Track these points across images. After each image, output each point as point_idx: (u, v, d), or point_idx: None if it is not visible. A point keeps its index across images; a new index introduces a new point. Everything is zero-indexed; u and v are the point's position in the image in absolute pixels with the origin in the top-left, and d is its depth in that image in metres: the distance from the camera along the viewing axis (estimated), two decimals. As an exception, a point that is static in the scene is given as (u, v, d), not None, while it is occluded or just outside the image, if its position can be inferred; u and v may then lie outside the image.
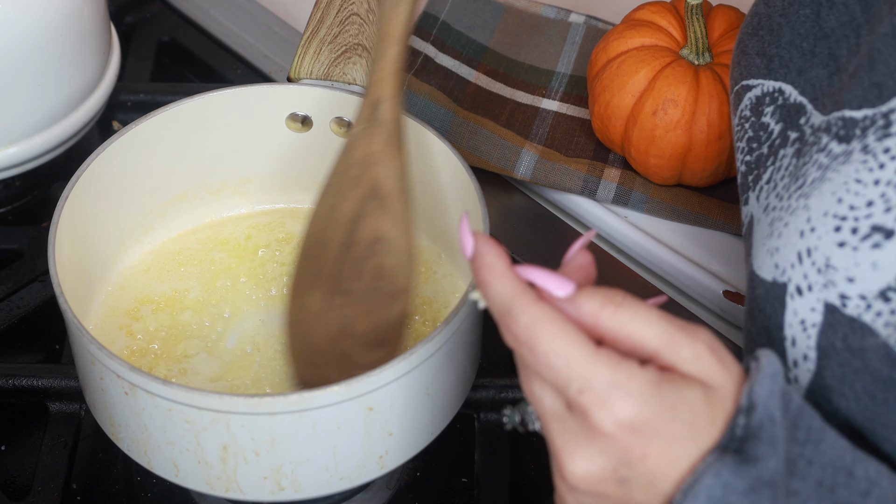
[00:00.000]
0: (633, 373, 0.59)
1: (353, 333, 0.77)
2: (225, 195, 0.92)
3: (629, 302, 0.61)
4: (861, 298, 0.63)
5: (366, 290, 0.76)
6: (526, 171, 1.00)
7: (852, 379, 0.63)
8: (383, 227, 0.76)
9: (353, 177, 0.76)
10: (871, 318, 0.62)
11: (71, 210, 0.81)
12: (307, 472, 0.74)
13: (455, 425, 0.80)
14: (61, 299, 0.75)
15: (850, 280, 0.63)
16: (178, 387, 0.71)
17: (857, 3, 0.71)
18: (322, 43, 0.92)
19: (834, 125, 0.67)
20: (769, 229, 0.69)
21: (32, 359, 0.94)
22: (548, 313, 0.60)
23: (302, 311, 0.78)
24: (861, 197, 0.63)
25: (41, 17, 0.93)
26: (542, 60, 1.08)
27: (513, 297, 0.61)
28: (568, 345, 0.59)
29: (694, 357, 0.60)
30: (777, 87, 0.74)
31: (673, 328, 0.60)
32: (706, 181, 0.98)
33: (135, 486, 0.86)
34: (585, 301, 0.61)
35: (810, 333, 0.65)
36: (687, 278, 0.95)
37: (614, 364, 0.59)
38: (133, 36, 1.15)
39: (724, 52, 0.98)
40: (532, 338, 0.60)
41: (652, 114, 0.95)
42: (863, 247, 0.63)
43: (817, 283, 0.64)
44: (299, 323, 0.78)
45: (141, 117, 0.86)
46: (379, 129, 0.76)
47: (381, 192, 0.76)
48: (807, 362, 0.65)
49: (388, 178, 0.76)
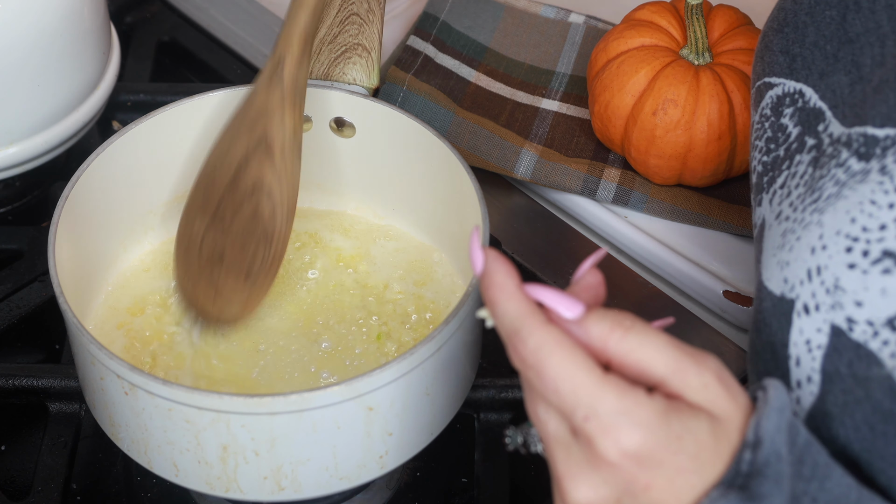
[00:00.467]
0: (640, 401, 0.58)
1: (224, 261, 0.82)
2: (225, 195, 0.92)
3: (638, 327, 0.60)
4: (868, 324, 0.62)
5: (240, 227, 0.81)
6: (526, 171, 1.00)
7: (853, 408, 0.62)
8: (265, 175, 0.80)
9: (248, 123, 0.81)
10: (878, 346, 0.61)
11: (71, 210, 0.81)
12: (307, 472, 0.74)
13: (455, 425, 0.80)
14: (61, 299, 0.75)
15: (859, 304, 0.62)
16: (177, 387, 0.71)
17: (883, 11, 0.70)
18: (322, 43, 0.92)
19: (855, 141, 0.66)
20: (781, 240, 0.68)
21: (32, 359, 0.94)
22: (556, 337, 0.60)
23: (186, 233, 0.83)
24: (875, 219, 0.63)
25: (41, 18, 0.93)
26: (542, 60, 1.08)
27: (521, 318, 0.61)
28: (576, 370, 0.59)
29: (702, 386, 0.59)
30: (798, 88, 0.74)
31: (682, 355, 0.60)
32: (706, 181, 0.98)
33: (135, 486, 0.86)
34: (594, 324, 0.60)
35: (815, 355, 0.64)
36: (687, 278, 0.95)
37: (621, 392, 0.59)
38: (133, 36, 1.15)
39: (724, 52, 0.98)
40: (539, 361, 0.60)
41: (652, 114, 0.95)
42: (873, 271, 0.62)
43: (825, 303, 0.64)
44: (183, 243, 0.83)
45: (141, 117, 0.86)
46: (279, 84, 0.80)
47: (268, 142, 0.80)
48: (810, 384, 0.64)
49: (277, 131, 0.80)
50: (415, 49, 1.07)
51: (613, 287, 0.95)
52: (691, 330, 0.93)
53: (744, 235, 0.97)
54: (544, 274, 0.96)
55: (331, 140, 0.89)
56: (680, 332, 0.93)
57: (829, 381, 0.63)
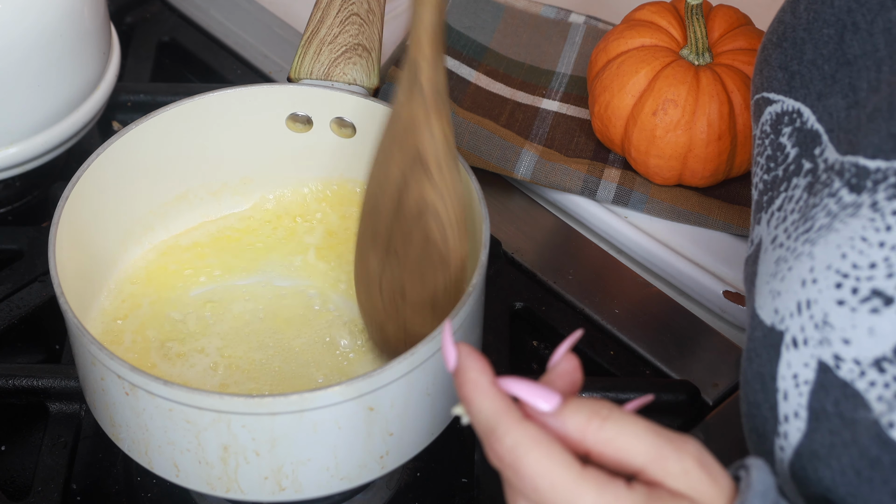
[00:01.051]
0: (619, 496, 0.58)
1: (407, 299, 0.77)
2: (225, 195, 0.92)
3: (616, 415, 0.60)
4: (855, 363, 0.61)
5: (416, 256, 0.76)
6: (526, 171, 1.00)
7: (840, 451, 0.61)
8: (426, 194, 0.74)
9: (399, 142, 0.75)
10: (865, 386, 0.61)
11: (71, 210, 0.81)
12: (308, 473, 0.74)
13: (455, 425, 0.80)
14: (62, 300, 0.75)
15: (846, 342, 0.62)
16: (178, 387, 0.71)
17: (881, 34, 0.69)
18: (322, 43, 0.92)
19: (847, 171, 0.65)
20: (774, 268, 0.68)
21: (32, 359, 0.94)
22: (532, 434, 0.59)
23: (363, 272, 0.79)
24: (865, 257, 0.62)
25: (41, 18, 0.93)
26: (542, 61, 1.08)
27: (497, 416, 0.60)
28: (553, 466, 0.58)
29: (682, 472, 0.59)
30: (797, 107, 0.73)
31: (661, 442, 0.59)
32: (706, 181, 0.98)
33: (135, 487, 0.86)
34: (571, 415, 0.60)
35: (802, 391, 0.63)
36: (687, 278, 0.95)
37: (601, 486, 0.58)
38: (133, 36, 1.15)
39: (724, 52, 0.98)
40: (517, 459, 0.59)
41: (652, 114, 0.95)
42: (861, 309, 0.61)
43: (813, 338, 0.63)
44: (363, 285, 0.79)
45: (141, 117, 0.86)
46: (420, 94, 0.73)
47: (423, 158, 0.74)
48: (797, 420, 0.64)
49: (428, 144, 0.73)
50: (415, 49, 1.07)
51: (614, 287, 0.96)
52: (691, 330, 0.93)
53: (744, 236, 0.97)
54: (544, 274, 0.96)
55: (331, 140, 0.89)
56: (680, 332, 0.93)
57: (816, 419, 0.62)
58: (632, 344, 0.92)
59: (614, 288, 0.96)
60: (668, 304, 0.95)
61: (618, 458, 0.59)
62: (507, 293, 0.94)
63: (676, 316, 0.94)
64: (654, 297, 0.95)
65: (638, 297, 0.95)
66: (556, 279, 0.96)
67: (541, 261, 0.97)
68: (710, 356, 0.91)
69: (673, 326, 0.93)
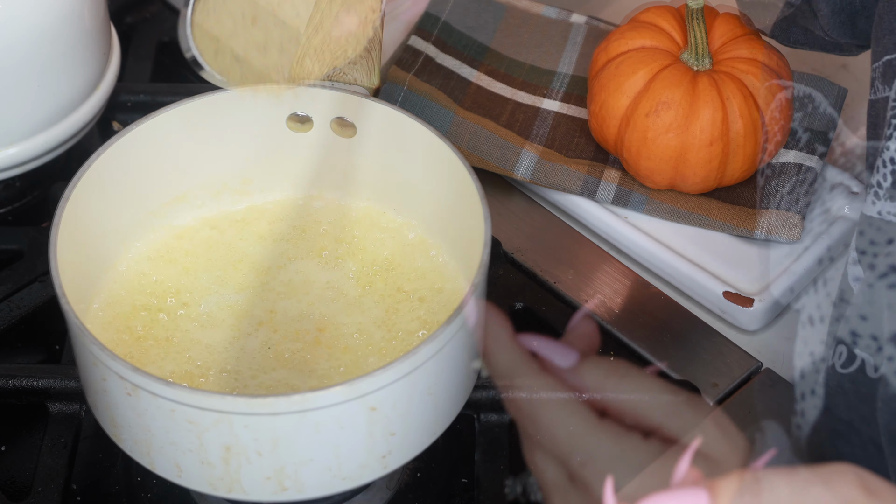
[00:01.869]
0: (636, 447, 0.59)
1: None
2: (225, 195, 0.92)
3: (633, 374, 0.61)
4: (872, 339, 0.62)
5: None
6: (526, 171, 1.00)
7: (859, 426, 0.62)
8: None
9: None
10: (882, 362, 0.61)
11: (71, 210, 0.81)
12: (310, 473, 0.74)
13: (455, 426, 0.80)
14: (63, 300, 0.75)
15: (863, 318, 0.62)
16: (180, 387, 0.71)
17: None
18: (322, 43, 0.92)
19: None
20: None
21: (32, 359, 0.94)
22: (550, 385, 0.60)
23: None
24: (883, 233, 0.63)
25: (41, 18, 0.93)
26: (544, 61, 1.08)
27: (516, 367, 0.61)
28: (570, 416, 0.59)
29: (697, 430, 0.59)
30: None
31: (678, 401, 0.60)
32: (697, 188, 0.97)
33: (135, 487, 0.86)
34: (589, 372, 0.61)
35: (818, 367, 0.64)
36: (687, 278, 0.95)
37: (617, 437, 0.59)
38: (133, 36, 1.15)
39: (725, 59, 0.97)
40: (535, 410, 0.60)
41: (645, 115, 0.95)
42: (879, 285, 0.62)
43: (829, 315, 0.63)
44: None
45: (141, 118, 0.86)
46: None
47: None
48: (814, 398, 0.64)
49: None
50: (416, 49, 1.07)
51: (614, 288, 0.96)
52: (691, 330, 0.93)
53: (744, 236, 0.97)
54: (544, 275, 0.96)
55: (331, 140, 0.89)
56: (680, 332, 0.93)
57: (833, 396, 0.63)
58: (632, 344, 0.92)
59: (614, 288, 0.96)
60: (668, 304, 0.95)
61: (634, 415, 0.60)
62: (507, 293, 0.94)
63: (676, 316, 0.94)
64: (654, 297, 0.95)
65: (638, 297, 0.95)
66: (556, 279, 0.96)
67: (541, 261, 0.97)
68: (710, 356, 0.91)
69: (673, 326, 0.93)
